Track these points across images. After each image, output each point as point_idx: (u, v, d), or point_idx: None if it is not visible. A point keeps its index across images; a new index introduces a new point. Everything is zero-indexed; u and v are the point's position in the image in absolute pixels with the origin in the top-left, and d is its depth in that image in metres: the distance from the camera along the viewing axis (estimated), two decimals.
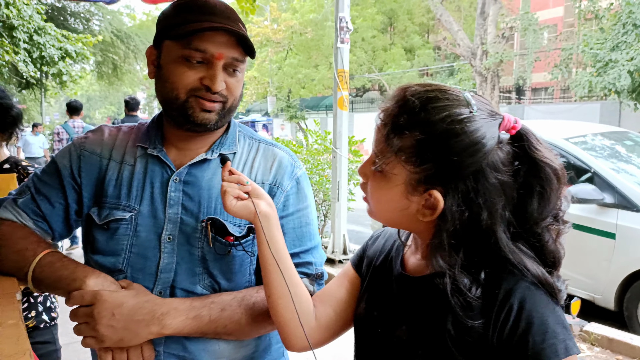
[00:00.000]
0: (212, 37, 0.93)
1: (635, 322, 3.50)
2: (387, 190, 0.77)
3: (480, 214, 0.71)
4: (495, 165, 0.71)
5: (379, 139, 0.78)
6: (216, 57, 0.94)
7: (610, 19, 12.89)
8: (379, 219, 0.83)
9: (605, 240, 3.60)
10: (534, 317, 0.68)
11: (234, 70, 0.98)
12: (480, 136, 0.71)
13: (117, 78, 19.92)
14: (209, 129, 1.00)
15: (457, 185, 0.71)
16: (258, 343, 1.07)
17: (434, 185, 0.73)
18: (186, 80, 0.95)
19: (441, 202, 0.72)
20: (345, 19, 4.60)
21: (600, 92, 12.89)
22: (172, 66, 0.96)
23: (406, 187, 0.75)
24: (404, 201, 0.76)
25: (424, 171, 0.73)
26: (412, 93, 0.75)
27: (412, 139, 0.73)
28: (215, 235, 0.98)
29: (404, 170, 0.74)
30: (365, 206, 0.85)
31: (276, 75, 23.60)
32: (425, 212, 0.75)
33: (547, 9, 23.50)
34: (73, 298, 0.89)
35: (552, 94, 22.60)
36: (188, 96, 0.95)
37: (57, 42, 12.12)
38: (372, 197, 0.81)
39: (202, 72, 0.95)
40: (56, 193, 1.04)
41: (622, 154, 4.26)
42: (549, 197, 0.73)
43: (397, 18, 25.74)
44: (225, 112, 1.00)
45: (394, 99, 0.78)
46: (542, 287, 0.71)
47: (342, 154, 4.77)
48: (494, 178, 0.71)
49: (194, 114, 0.96)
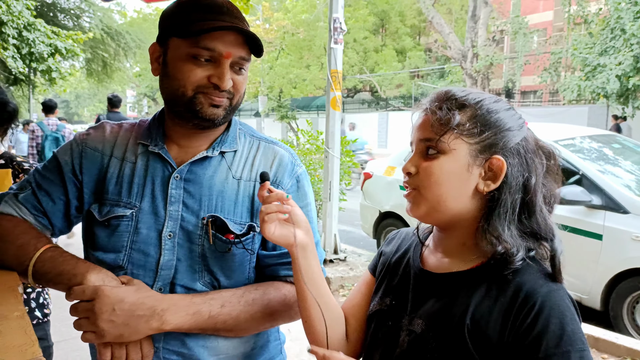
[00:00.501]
0: (221, 36, 0.95)
1: (620, 322, 3.57)
2: (447, 169, 0.80)
3: (530, 178, 0.79)
4: (531, 137, 0.83)
5: (432, 125, 0.82)
6: (224, 55, 0.95)
7: (599, 24, 13.08)
8: (426, 208, 0.83)
9: (592, 241, 3.66)
10: (551, 321, 0.69)
11: (240, 69, 1.00)
12: (517, 112, 0.84)
13: (107, 75, 19.73)
14: (216, 124, 1.01)
15: (514, 149, 0.80)
16: (256, 340, 1.08)
17: (494, 153, 0.80)
18: (194, 77, 0.96)
19: (504, 165, 0.78)
20: (339, 20, 4.63)
21: (588, 96, 13.06)
22: (179, 63, 0.97)
23: (467, 159, 0.80)
24: (465, 175, 0.80)
25: (484, 140, 0.80)
26: (450, 88, 0.86)
27: (469, 112, 0.81)
28: (215, 233, 1.00)
29: (464, 143, 0.80)
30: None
31: (267, 75, 23.56)
32: (487, 183, 0.80)
33: (537, 13, 23.76)
34: (74, 293, 0.90)
35: (541, 97, 22.83)
36: (195, 93, 0.96)
37: (46, 38, 12.00)
38: (425, 181, 0.82)
39: (210, 70, 0.96)
40: (57, 189, 1.04)
41: (610, 157, 4.33)
42: (554, 173, 0.84)
43: (389, 20, 25.86)
44: (231, 109, 1.02)
45: (434, 95, 0.86)
46: (564, 288, 0.74)
47: (335, 154, 4.80)
48: (532, 145, 0.82)
49: (203, 110, 0.97)
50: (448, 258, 0.86)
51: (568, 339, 0.68)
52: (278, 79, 23.49)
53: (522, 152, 0.80)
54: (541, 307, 0.70)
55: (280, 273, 1.06)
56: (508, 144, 0.80)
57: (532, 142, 0.83)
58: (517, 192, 0.79)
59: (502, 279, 0.76)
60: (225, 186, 1.03)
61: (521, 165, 0.80)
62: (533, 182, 0.79)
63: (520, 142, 0.81)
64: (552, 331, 0.68)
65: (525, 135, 0.82)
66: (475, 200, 0.81)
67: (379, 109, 26.01)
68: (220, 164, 1.05)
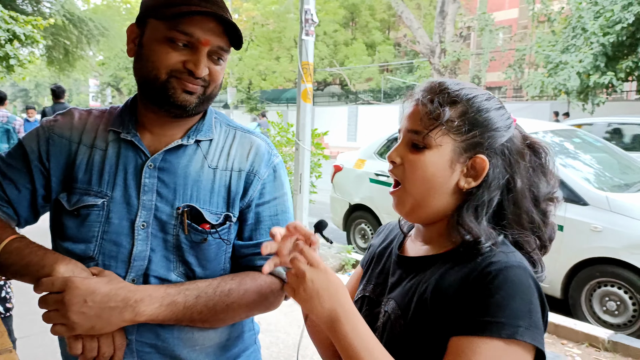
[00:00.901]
0: (201, 22, 0.93)
1: (579, 309, 3.72)
2: (432, 164, 0.81)
3: (513, 178, 0.81)
4: (517, 137, 0.84)
5: (422, 117, 0.83)
6: (202, 42, 0.93)
7: (561, 23, 13.50)
8: (411, 204, 0.84)
9: None
10: (499, 292, 0.70)
11: (218, 59, 0.98)
12: (507, 112, 0.85)
13: (69, 64, 19.02)
14: (188, 112, 0.98)
15: (498, 150, 0.81)
16: (231, 331, 1.08)
17: (478, 152, 0.81)
18: (168, 61, 0.93)
19: (486, 165, 0.80)
20: (311, 12, 4.60)
21: (551, 92, 13.50)
22: (155, 46, 0.94)
23: (452, 155, 0.81)
24: (447, 171, 0.82)
25: (470, 138, 0.81)
26: (444, 80, 0.86)
27: (460, 109, 0.82)
28: (191, 223, 0.98)
29: (450, 139, 0.81)
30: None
31: (237, 66, 23.28)
32: (468, 180, 0.81)
33: (503, 10, 24.31)
34: (42, 284, 0.87)
35: (505, 93, 23.45)
36: (169, 77, 0.94)
37: (4, 23, 11.45)
38: (410, 176, 0.83)
39: (186, 55, 0.94)
40: (23, 177, 1.01)
41: (570, 151, 4.50)
42: (549, 171, 0.86)
43: (359, 13, 25.94)
44: (205, 98, 0.99)
45: (427, 85, 0.86)
46: (530, 273, 0.73)
47: (305, 146, 4.79)
48: (520, 145, 0.84)
49: (175, 94, 0.95)
50: (426, 245, 0.89)
51: (510, 312, 0.68)
52: (247, 70, 23.26)
53: (506, 153, 0.82)
54: (495, 277, 0.71)
55: (257, 263, 1.05)
56: (493, 144, 0.81)
57: (518, 142, 0.84)
58: (495, 190, 0.81)
59: (469, 258, 0.77)
60: (200, 175, 1.01)
61: (504, 165, 0.82)
62: (518, 183, 0.81)
63: (506, 142, 0.82)
64: (497, 300, 0.69)
65: (511, 135, 0.83)
66: (455, 195, 0.83)
67: (349, 102, 26.12)
68: (195, 152, 1.03)
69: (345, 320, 0.75)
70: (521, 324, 0.68)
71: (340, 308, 0.75)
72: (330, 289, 0.76)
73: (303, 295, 0.76)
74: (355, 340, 0.73)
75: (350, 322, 0.75)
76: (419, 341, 0.78)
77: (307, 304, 0.76)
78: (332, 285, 0.76)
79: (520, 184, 0.82)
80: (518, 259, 0.76)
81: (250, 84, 24.17)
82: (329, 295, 0.75)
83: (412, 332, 0.79)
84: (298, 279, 0.77)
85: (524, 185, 0.82)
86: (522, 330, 0.68)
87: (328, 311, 0.75)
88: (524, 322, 0.69)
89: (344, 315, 0.75)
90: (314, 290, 0.75)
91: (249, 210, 1.05)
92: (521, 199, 0.82)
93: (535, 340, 0.69)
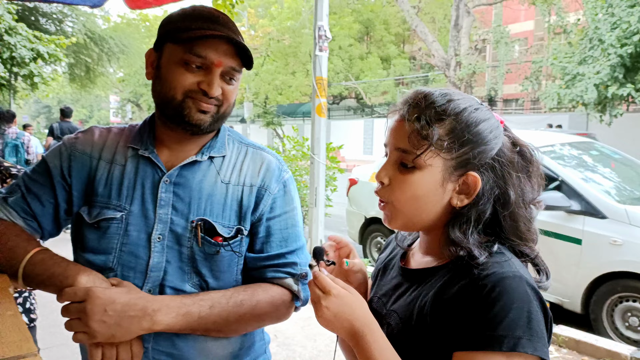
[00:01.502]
0: (214, 44, 0.98)
1: (600, 325, 3.65)
2: (422, 185, 0.80)
3: (507, 190, 0.79)
4: (506, 145, 0.82)
5: (409, 135, 0.80)
6: (215, 64, 0.98)
7: (577, 34, 13.41)
8: (404, 219, 0.84)
9: (572, 245, 3.74)
10: (497, 303, 0.70)
11: (231, 79, 1.03)
12: (495, 120, 0.83)
13: (90, 81, 19.52)
14: (202, 130, 1.03)
15: (489, 164, 0.79)
16: (243, 340, 1.10)
17: (469, 169, 0.79)
18: (184, 82, 0.99)
19: (479, 181, 0.78)
20: (324, 28, 4.68)
21: (568, 103, 13.35)
22: (172, 68, 1.00)
23: (443, 175, 0.79)
24: (439, 191, 0.80)
25: (460, 156, 0.79)
26: (429, 92, 0.82)
27: (448, 125, 0.79)
28: (204, 236, 1.02)
29: (439, 159, 0.79)
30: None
31: (253, 81, 23.58)
32: (461, 197, 0.80)
33: (518, 22, 24.23)
34: (65, 294, 0.90)
35: (523, 105, 23.26)
36: (184, 97, 0.99)
37: (28, 42, 11.85)
38: (400, 196, 0.82)
39: (200, 76, 0.99)
40: (46, 192, 1.05)
41: (589, 163, 4.44)
42: (536, 175, 0.83)
43: (374, 27, 26.12)
44: (218, 117, 1.04)
45: (411, 99, 0.83)
46: (527, 281, 0.73)
47: (320, 160, 4.83)
48: (509, 154, 0.81)
49: (190, 114, 1.00)
50: (427, 257, 0.89)
51: (508, 324, 0.68)
52: (264, 85, 23.53)
53: (497, 167, 0.80)
54: (491, 289, 0.71)
55: (268, 275, 1.08)
56: (484, 159, 0.79)
57: (508, 150, 0.82)
58: (487, 204, 0.79)
59: (465, 271, 0.77)
60: (214, 190, 1.05)
61: (495, 179, 0.80)
62: (512, 195, 0.79)
63: (496, 155, 0.80)
64: (495, 313, 0.69)
65: (501, 144, 0.81)
66: (448, 212, 0.82)
67: (365, 115, 26.20)
68: (209, 168, 1.07)
69: (363, 334, 0.78)
70: (521, 335, 0.68)
71: (358, 324, 0.78)
72: (345, 311, 0.78)
73: (322, 321, 0.80)
74: (376, 352, 0.76)
75: (371, 335, 0.78)
76: (422, 355, 0.78)
77: (329, 327, 0.80)
78: (346, 307, 0.78)
79: (514, 196, 0.80)
80: (513, 268, 0.74)
81: (267, 99, 24.43)
82: (345, 317, 0.78)
83: (414, 346, 0.79)
84: (316, 305, 0.80)
85: (518, 196, 0.80)
86: (524, 342, 0.68)
87: (348, 329, 0.78)
88: (525, 332, 0.68)
89: (361, 330, 0.78)
90: (331, 314, 0.78)
91: (260, 224, 1.08)
92: (516, 210, 0.80)
93: (538, 350, 0.69)
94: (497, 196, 0.80)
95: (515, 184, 0.81)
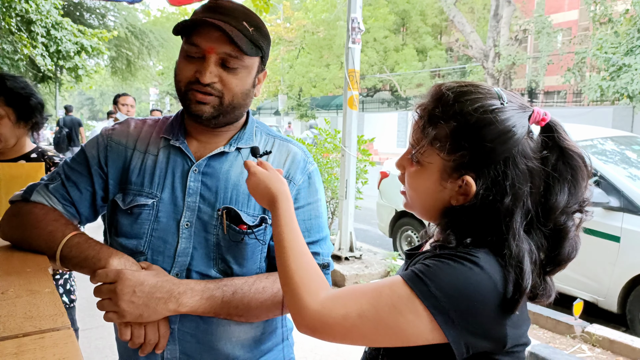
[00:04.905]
0: (205, 32, 1.00)
1: (637, 325, 3.53)
2: (424, 179, 0.83)
3: (504, 196, 0.75)
4: (525, 153, 0.76)
5: (416, 131, 0.84)
6: (207, 50, 1.01)
7: (625, 24, 12.81)
8: (415, 209, 0.89)
9: (609, 243, 3.63)
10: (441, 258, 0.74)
11: (231, 67, 1.03)
12: (510, 125, 0.76)
13: (131, 74, 20.13)
14: (203, 121, 1.05)
15: (488, 171, 0.76)
16: (265, 326, 1.14)
17: (467, 172, 0.78)
18: (185, 73, 1.03)
19: (473, 186, 0.77)
20: (357, 20, 4.66)
21: (612, 96, 12.81)
22: (179, 60, 1.05)
23: (441, 174, 0.81)
24: (438, 188, 0.82)
25: (458, 159, 0.78)
26: (447, 88, 0.82)
27: (446, 128, 0.78)
28: (229, 224, 1.06)
29: (438, 158, 0.80)
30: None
31: (287, 73, 23.72)
32: (458, 198, 0.80)
33: (561, 12, 23.35)
34: (98, 276, 0.97)
35: (565, 98, 22.45)
36: (187, 89, 1.04)
37: (73, 36, 12.34)
38: (409, 187, 0.87)
39: (197, 65, 1.02)
40: (84, 180, 1.12)
41: (630, 159, 4.28)
42: (579, 184, 0.77)
43: (410, 19, 25.73)
44: (223, 108, 1.05)
45: (429, 94, 0.84)
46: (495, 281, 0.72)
47: (351, 152, 4.84)
48: (523, 164, 0.76)
49: (190, 105, 1.04)
50: None
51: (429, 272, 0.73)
52: (298, 77, 23.63)
53: (501, 171, 0.76)
54: (444, 254, 0.76)
55: None
56: (484, 165, 0.77)
57: (525, 158, 0.76)
58: (482, 209, 0.77)
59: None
60: (240, 180, 1.09)
61: (496, 184, 0.76)
62: (508, 200, 0.75)
63: (508, 158, 0.76)
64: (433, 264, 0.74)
65: (514, 150, 0.76)
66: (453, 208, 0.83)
67: (399, 108, 25.91)
68: (236, 159, 1.11)
69: (278, 200, 0.93)
70: (427, 283, 0.72)
71: (274, 191, 0.94)
72: (264, 179, 0.96)
73: (249, 187, 0.99)
74: (287, 217, 0.92)
75: (286, 202, 0.93)
76: None
77: (254, 193, 0.98)
78: (265, 178, 0.96)
79: (509, 204, 0.75)
80: (488, 265, 0.73)
81: (301, 91, 24.54)
82: (264, 184, 0.96)
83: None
84: (248, 177, 0.98)
85: (517, 204, 0.76)
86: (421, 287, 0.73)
87: (266, 194, 0.95)
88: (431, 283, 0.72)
89: (276, 197, 0.94)
90: (255, 180, 0.97)
91: None
92: (510, 222, 0.76)
93: (426, 297, 0.72)
94: (495, 205, 0.76)
95: (522, 194, 0.76)
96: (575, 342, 3.35)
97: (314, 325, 0.78)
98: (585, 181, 0.78)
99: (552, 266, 0.80)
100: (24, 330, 0.65)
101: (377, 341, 0.76)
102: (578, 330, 3.40)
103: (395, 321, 0.72)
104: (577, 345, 3.32)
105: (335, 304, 0.77)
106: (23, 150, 1.80)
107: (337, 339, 0.77)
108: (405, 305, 0.72)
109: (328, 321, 0.76)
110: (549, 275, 0.81)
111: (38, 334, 0.65)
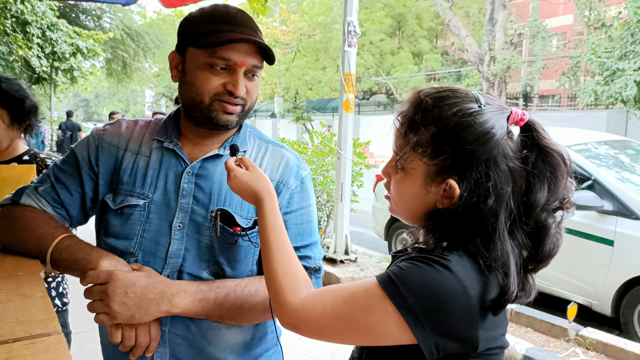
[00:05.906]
0: (236, 46, 1.01)
1: (631, 328, 3.55)
2: (408, 185, 0.84)
3: (487, 197, 0.76)
4: (505, 153, 0.77)
5: (398, 139, 0.85)
6: (239, 64, 1.02)
7: (618, 28, 12.90)
8: (400, 214, 0.90)
9: (603, 247, 3.64)
10: (414, 260, 0.75)
11: (253, 75, 1.07)
12: (489, 127, 0.77)
13: (126, 75, 20.08)
14: (229, 129, 1.09)
15: (470, 173, 0.77)
16: (255, 331, 1.14)
17: (450, 175, 0.79)
18: (210, 85, 1.03)
19: (457, 189, 0.78)
20: (353, 23, 4.68)
21: (606, 100, 12.88)
22: (197, 72, 1.03)
23: (425, 179, 0.82)
24: (423, 193, 0.82)
25: (440, 163, 0.79)
26: (426, 94, 0.83)
27: (427, 133, 0.80)
28: (223, 225, 1.06)
29: (421, 163, 0.81)
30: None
31: (284, 76, 23.73)
32: (444, 202, 0.81)
33: (556, 17, 23.50)
34: (88, 277, 0.96)
35: (559, 102, 22.58)
36: (212, 100, 1.04)
37: (69, 38, 12.31)
38: (394, 193, 0.88)
39: (225, 78, 1.03)
40: (74, 182, 1.11)
41: (624, 163, 4.31)
42: (559, 181, 0.78)
43: (406, 22, 25.82)
44: (244, 114, 1.10)
45: (409, 101, 0.85)
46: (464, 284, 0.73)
47: (347, 155, 4.84)
48: (504, 165, 0.77)
49: (217, 116, 1.05)
50: None
51: (398, 272, 0.75)
52: (294, 80, 23.65)
53: (483, 172, 0.77)
54: (415, 257, 0.77)
55: None
56: (465, 168, 0.78)
57: (506, 159, 0.77)
58: (467, 211, 0.78)
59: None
60: None
61: (479, 185, 0.77)
62: (492, 201, 0.76)
63: (489, 159, 0.77)
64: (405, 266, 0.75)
65: (495, 152, 0.77)
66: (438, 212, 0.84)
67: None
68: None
69: (263, 199, 0.95)
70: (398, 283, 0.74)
71: (259, 191, 0.95)
72: (247, 180, 0.97)
73: (232, 186, 0.98)
74: (272, 215, 0.94)
75: (270, 200, 0.95)
76: None
77: (238, 192, 0.98)
78: (248, 178, 0.97)
79: (493, 205, 0.76)
80: (459, 268, 0.74)
81: (297, 94, 24.55)
82: (248, 184, 0.97)
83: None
84: (229, 177, 0.98)
85: (501, 205, 0.76)
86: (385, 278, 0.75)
87: (251, 193, 0.96)
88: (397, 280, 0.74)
89: (261, 196, 0.95)
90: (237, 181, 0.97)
91: None
92: (496, 224, 0.76)
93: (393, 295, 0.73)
94: (480, 207, 0.77)
95: (505, 194, 0.76)
96: (569, 346, 3.36)
97: (294, 322, 0.82)
98: (564, 178, 0.79)
99: (534, 264, 0.80)
100: (15, 336, 0.64)
101: (352, 339, 0.79)
102: (572, 334, 3.41)
103: (366, 321, 0.75)
104: (571, 348, 3.32)
105: (314, 302, 0.80)
106: (16, 153, 1.79)
107: (316, 335, 0.80)
108: (376, 305, 0.74)
109: (307, 319, 0.80)
110: (531, 273, 0.82)
111: (29, 339, 0.64)
